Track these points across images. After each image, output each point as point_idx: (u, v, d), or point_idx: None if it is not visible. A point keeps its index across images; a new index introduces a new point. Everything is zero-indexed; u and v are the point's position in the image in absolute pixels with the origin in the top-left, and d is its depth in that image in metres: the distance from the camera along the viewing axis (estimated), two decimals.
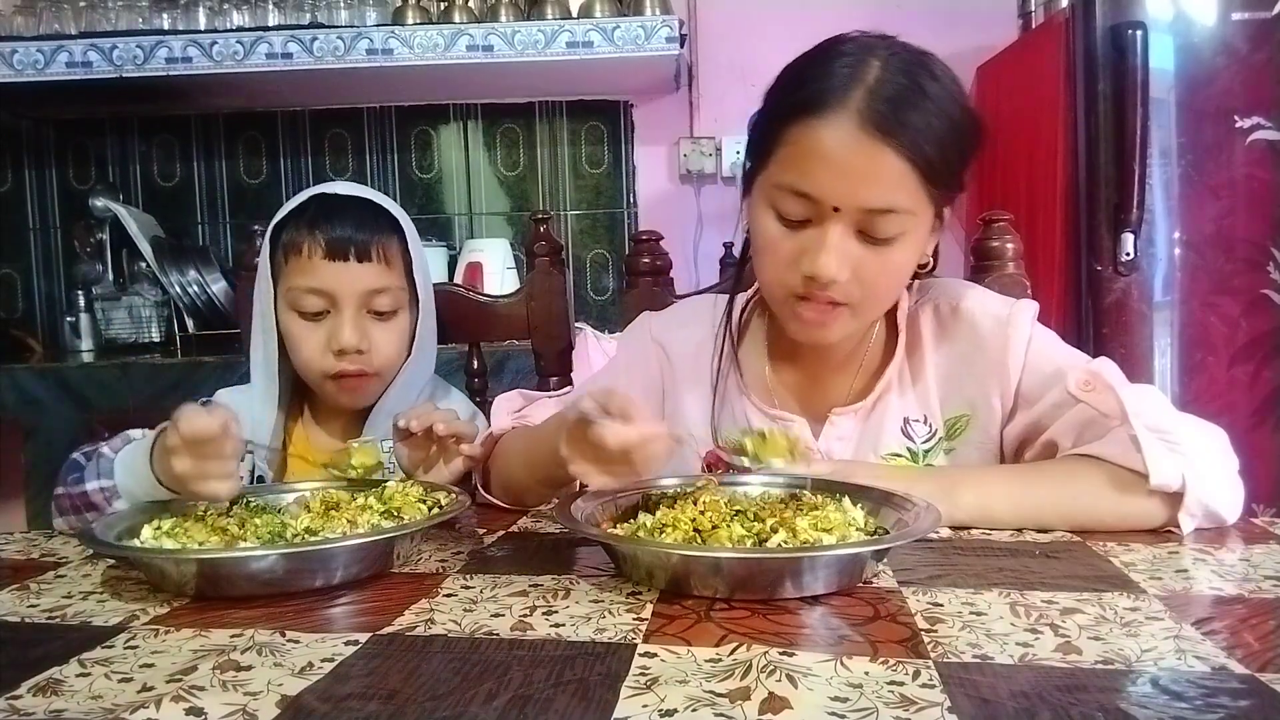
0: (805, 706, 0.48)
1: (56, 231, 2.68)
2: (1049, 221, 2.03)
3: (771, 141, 0.88)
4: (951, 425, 0.99)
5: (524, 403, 1.07)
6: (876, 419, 0.99)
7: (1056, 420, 0.92)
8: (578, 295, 2.59)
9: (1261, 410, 1.91)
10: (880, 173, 0.83)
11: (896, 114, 0.82)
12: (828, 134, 0.83)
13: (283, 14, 2.35)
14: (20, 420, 2.05)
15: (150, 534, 0.77)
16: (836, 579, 0.67)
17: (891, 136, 0.82)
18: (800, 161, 0.85)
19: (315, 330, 1.09)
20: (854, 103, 0.82)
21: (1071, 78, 1.98)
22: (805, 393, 1.03)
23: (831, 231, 0.85)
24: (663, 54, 2.26)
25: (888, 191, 0.84)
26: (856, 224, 0.85)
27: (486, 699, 0.50)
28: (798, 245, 0.87)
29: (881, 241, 0.86)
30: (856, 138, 0.82)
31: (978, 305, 0.99)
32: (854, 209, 0.84)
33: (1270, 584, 0.68)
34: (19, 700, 0.51)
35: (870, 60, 0.85)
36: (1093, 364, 0.91)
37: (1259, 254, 1.90)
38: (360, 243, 1.08)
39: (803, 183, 0.85)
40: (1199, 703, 0.48)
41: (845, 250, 0.86)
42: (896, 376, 0.99)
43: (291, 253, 1.09)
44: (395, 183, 2.66)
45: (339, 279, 1.08)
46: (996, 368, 0.96)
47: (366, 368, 1.10)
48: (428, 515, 0.82)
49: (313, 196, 1.12)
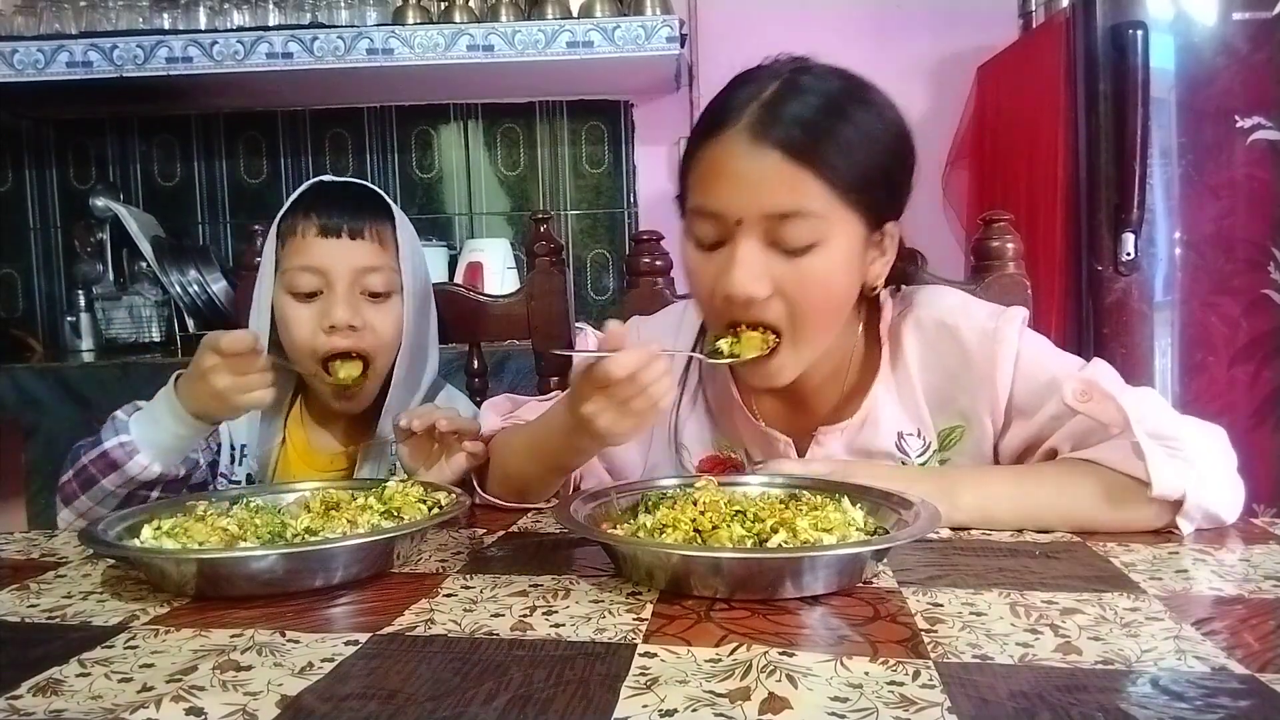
0: (805, 706, 0.48)
1: (56, 231, 2.68)
2: (1049, 221, 2.03)
3: (685, 171, 0.91)
4: (945, 436, 0.98)
5: (512, 406, 1.07)
6: (867, 435, 0.98)
7: (1055, 432, 0.91)
8: (578, 295, 2.58)
9: (1261, 410, 1.91)
10: (773, 177, 0.83)
11: (787, 120, 0.83)
12: (720, 149, 0.85)
13: (283, 14, 2.35)
14: (20, 420, 2.05)
15: (150, 534, 0.77)
16: (836, 579, 0.67)
17: (782, 140, 0.82)
18: (703, 181, 0.87)
19: (308, 309, 1.10)
20: (746, 117, 0.84)
21: (1072, 78, 1.98)
22: (789, 411, 1.01)
23: (741, 246, 0.85)
24: (663, 54, 2.25)
25: (785, 195, 0.83)
26: (765, 235, 0.85)
27: (486, 699, 0.50)
28: (715, 268, 0.87)
29: (796, 251, 0.85)
30: (746, 147, 0.83)
31: (963, 319, 0.96)
32: (756, 217, 0.84)
33: (1270, 584, 0.68)
34: (19, 700, 0.51)
35: (770, 81, 0.86)
36: (1086, 370, 0.90)
37: (1259, 254, 1.90)
38: (353, 221, 1.10)
39: (707, 201, 0.87)
40: (1199, 703, 0.48)
41: (757, 263, 0.85)
42: (884, 392, 0.98)
43: (289, 236, 1.11)
44: (395, 183, 2.66)
45: (332, 256, 1.09)
46: (985, 384, 0.94)
47: (359, 345, 1.10)
48: (428, 515, 0.82)
49: (311, 185, 1.16)
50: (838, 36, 1.18)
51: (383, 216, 1.13)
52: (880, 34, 2.43)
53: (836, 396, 1.00)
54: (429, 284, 1.21)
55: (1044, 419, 0.92)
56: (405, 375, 1.14)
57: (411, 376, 1.16)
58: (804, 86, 0.85)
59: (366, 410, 1.15)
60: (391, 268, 1.13)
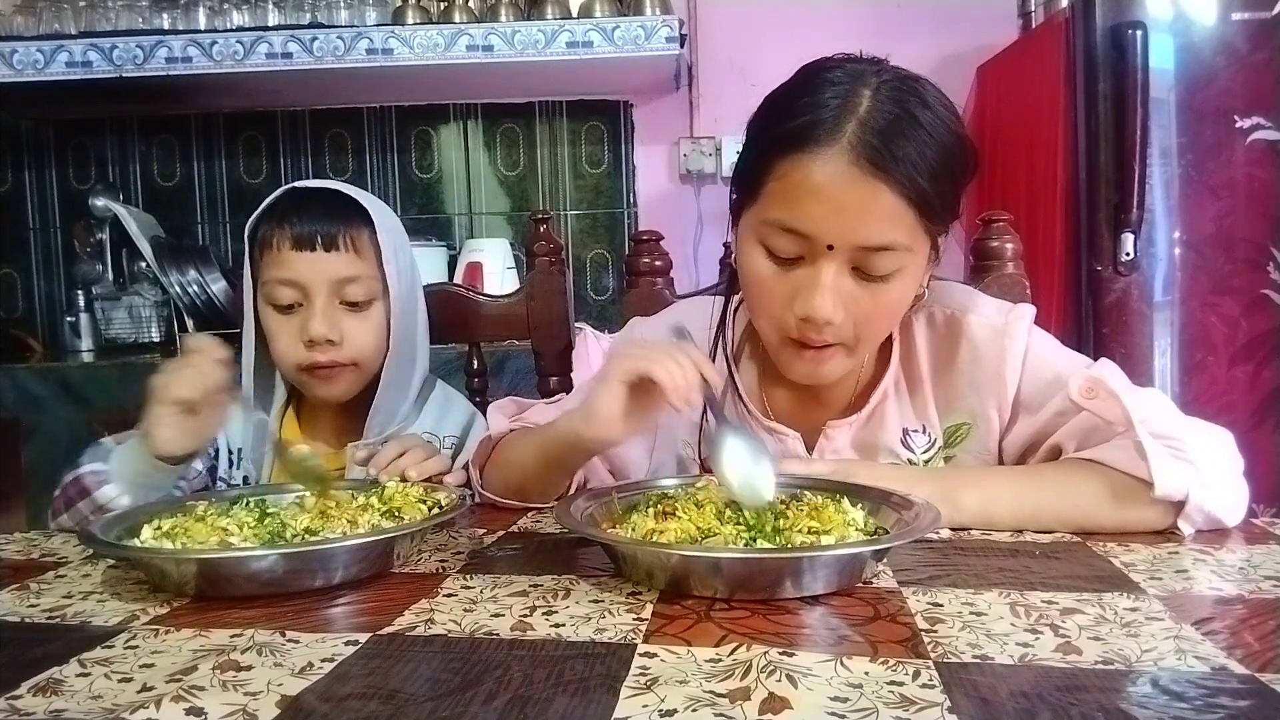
0: (805, 706, 0.48)
1: (56, 231, 2.68)
2: (1049, 221, 2.03)
3: (760, 175, 0.85)
4: (951, 434, 0.98)
5: (518, 409, 1.07)
6: (873, 430, 0.98)
7: (1059, 428, 0.91)
8: (578, 295, 2.58)
9: (1261, 410, 1.91)
10: (875, 210, 0.80)
11: (890, 148, 0.79)
12: (819, 169, 0.80)
13: (283, 14, 2.35)
14: (20, 420, 2.05)
15: (150, 534, 0.77)
16: (836, 579, 0.67)
17: (885, 172, 0.79)
18: (791, 198, 0.82)
19: (289, 323, 1.09)
20: (846, 136, 0.79)
21: (1071, 78, 1.98)
22: (799, 406, 1.01)
23: (825, 270, 0.83)
24: (663, 54, 2.26)
25: (884, 229, 0.81)
26: (851, 261, 0.83)
27: (486, 699, 0.50)
28: (790, 285, 0.85)
29: (877, 279, 0.84)
30: (849, 174, 0.79)
31: (973, 315, 0.97)
32: (849, 247, 0.82)
33: (1270, 584, 0.68)
34: (19, 700, 0.51)
35: (861, 89, 0.82)
36: (1094, 369, 0.90)
37: (1259, 254, 1.90)
38: (327, 232, 1.08)
39: (794, 220, 0.82)
40: (1199, 703, 0.48)
41: (840, 289, 0.83)
42: (893, 387, 0.98)
43: (264, 248, 1.10)
44: (395, 183, 2.66)
45: (308, 269, 1.08)
46: (994, 379, 0.95)
47: (339, 358, 1.09)
48: (428, 515, 0.82)
49: (284, 192, 1.13)
50: (838, 36, 1.18)
51: (359, 222, 1.10)
52: (880, 34, 2.42)
53: (850, 392, 1.00)
54: (416, 284, 1.19)
55: (1049, 415, 0.92)
56: (393, 378, 1.13)
57: (400, 379, 1.15)
58: (897, 103, 0.81)
59: (355, 413, 1.15)
60: (371, 275, 1.11)
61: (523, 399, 1.11)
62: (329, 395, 1.13)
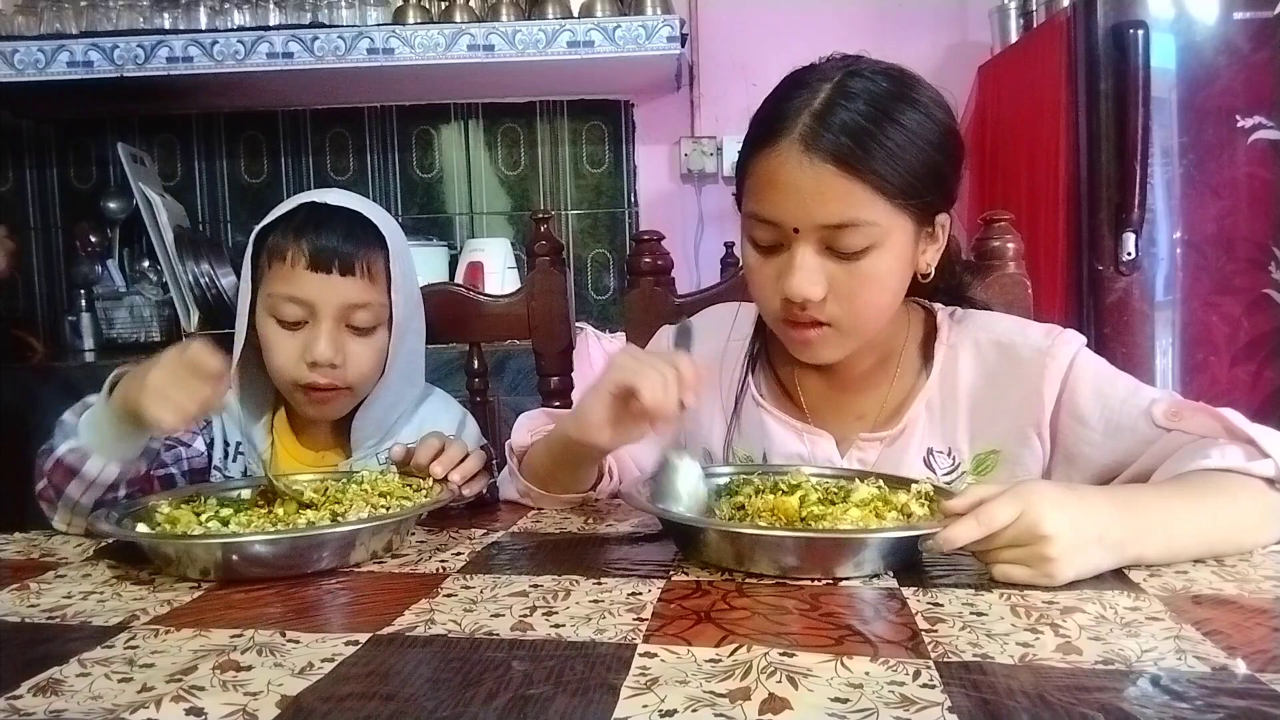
0: (805, 707, 0.48)
1: (58, 231, 2.68)
2: (1050, 221, 2.03)
3: (742, 175, 0.94)
4: (980, 461, 0.97)
5: (548, 420, 1.06)
6: (900, 447, 0.98)
7: (1143, 454, 0.87)
8: (578, 295, 2.58)
9: (1263, 410, 1.91)
10: (827, 191, 0.85)
11: (838, 130, 0.84)
12: (776, 160, 0.87)
13: (284, 13, 2.35)
14: (21, 420, 2.05)
15: (167, 510, 0.83)
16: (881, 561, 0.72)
17: (833, 153, 0.84)
18: (760, 190, 0.90)
19: (291, 339, 1.07)
20: (797, 129, 0.86)
21: (1073, 77, 1.98)
22: (835, 405, 1.02)
23: (798, 253, 0.88)
24: (664, 53, 2.25)
25: (840, 208, 0.86)
26: (821, 241, 0.88)
27: (486, 699, 0.50)
28: (774, 269, 0.91)
29: (851, 256, 0.88)
30: (799, 160, 0.86)
31: (1019, 336, 0.97)
32: (812, 228, 0.87)
33: (1270, 584, 0.68)
34: (19, 700, 0.51)
35: (823, 86, 0.88)
36: (1162, 392, 0.90)
37: (1260, 253, 1.90)
38: (345, 256, 1.05)
39: (764, 209, 0.89)
40: (1199, 703, 0.48)
41: (814, 268, 0.88)
42: (925, 407, 0.98)
43: (276, 258, 1.07)
44: (396, 182, 2.66)
45: (320, 290, 1.05)
46: (1031, 396, 0.93)
47: (339, 381, 1.07)
48: (423, 499, 0.87)
49: (303, 204, 1.09)
50: (838, 36, 1.18)
51: (375, 247, 1.08)
52: (880, 34, 2.42)
53: (881, 401, 1.00)
54: (420, 308, 1.17)
55: (1132, 442, 0.88)
56: (383, 397, 1.12)
57: (390, 400, 1.14)
58: (853, 92, 0.86)
59: (341, 421, 1.14)
60: (380, 302, 1.09)
61: (554, 410, 1.10)
62: (320, 416, 1.12)
